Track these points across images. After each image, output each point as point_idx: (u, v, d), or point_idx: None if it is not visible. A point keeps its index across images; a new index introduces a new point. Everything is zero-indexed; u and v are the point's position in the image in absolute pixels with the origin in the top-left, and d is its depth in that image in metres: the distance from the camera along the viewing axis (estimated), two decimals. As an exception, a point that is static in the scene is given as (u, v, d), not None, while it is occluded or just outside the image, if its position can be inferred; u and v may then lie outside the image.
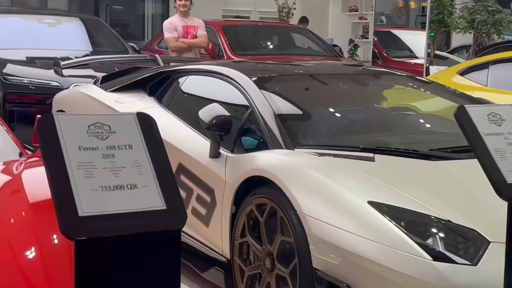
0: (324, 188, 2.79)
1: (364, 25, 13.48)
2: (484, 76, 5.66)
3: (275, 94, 3.70)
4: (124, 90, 4.50)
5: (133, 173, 1.66)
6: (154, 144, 1.74)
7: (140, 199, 1.63)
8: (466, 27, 8.66)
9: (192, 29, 7.10)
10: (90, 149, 1.64)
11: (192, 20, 7.20)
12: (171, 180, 1.71)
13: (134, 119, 1.75)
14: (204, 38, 7.15)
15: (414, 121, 4.00)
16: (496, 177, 2.09)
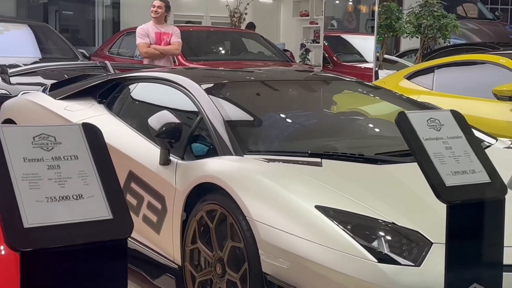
0: (273, 194, 2.84)
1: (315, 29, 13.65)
2: (429, 80, 5.80)
3: (225, 101, 3.73)
4: (73, 98, 4.47)
5: (79, 184, 1.67)
6: (100, 154, 1.75)
7: (86, 209, 1.65)
8: (413, 32, 8.86)
9: (166, 36, 7.02)
10: (35, 160, 1.64)
11: (166, 27, 7.13)
12: (117, 189, 1.73)
13: (79, 129, 1.76)
14: (177, 45, 7.05)
15: (361, 126, 4.09)
16: (436, 181, 2.17)
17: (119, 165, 3.66)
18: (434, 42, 9.27)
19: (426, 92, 5.67)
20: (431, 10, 8.82)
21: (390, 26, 9.35)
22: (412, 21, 8.84)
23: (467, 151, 2.27)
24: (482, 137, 3.75)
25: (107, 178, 1.70)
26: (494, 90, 4.93)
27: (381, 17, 9.45)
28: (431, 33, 8.82)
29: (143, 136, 3.73)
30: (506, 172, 3.13)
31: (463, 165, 2.23)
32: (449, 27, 8.68)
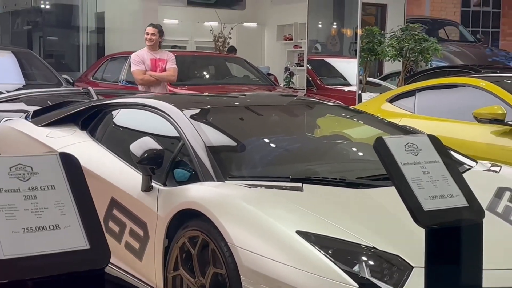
0: (254, 219, 2.85)
1: (299, 53, 13.76)
2: (411, 103, 5.85)
3: (208, 126, 3.75)
4: (56, 125, 4.46)
5: (55, 214, 1.67)
6: (77, 183, 1.76)
7: (63, 239, 1.64)
8: (395, 55, 8.96)
9: (161, 62, 6.94)
10: (11, 191, 1.64)
11: (161, 53, 7.05)
12: (95, 219, 1.73)
13: (56, 159, 1.77)
14: (173, 71, 6.98)
15: (343, 150, 4.11)
16: (414, 205, 2.19)
17: (101, 191, 3.67)
18: (416, 65, 9.36)
19: (408, 115, 5.72)
20: (412, 34, 8.92)
21: (373, 49, 9.44)
22: (394, 45, 8.94)
23: (445, 176, 2.29)
24: (463, 159, 3.78)
25: (84, 207, 1.70)
26: (474, 113, 4.97)
27: (363, 40, 9.54)
28: (413, 56, 8.91)
29: (125, 163, 3.73)
30: (485, 194, 3.17)
31: (440, 189, 2.25)
32: (431, 50, 8.78)
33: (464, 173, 3.38)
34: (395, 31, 9.27)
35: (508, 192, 3.28)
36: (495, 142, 4.92)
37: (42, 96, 6.00)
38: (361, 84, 9.44)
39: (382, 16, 12.62)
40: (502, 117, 4.84)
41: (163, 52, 7.12)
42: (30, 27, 12.58)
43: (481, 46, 13.59)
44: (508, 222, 3.01)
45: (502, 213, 3.05)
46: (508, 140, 4.85)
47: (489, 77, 5.83)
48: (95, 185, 3.69)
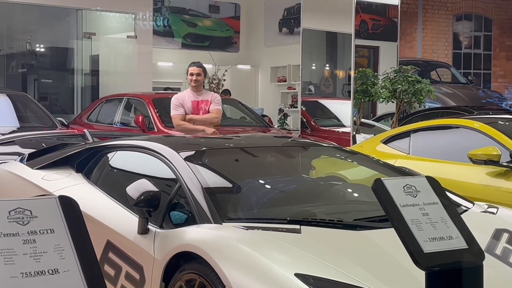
0: (252, 262, 2.82)
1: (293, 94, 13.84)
2: (406, 144, 5.87)
3: (204, 168, 3.75)
4: (51, 167, 4.45)
5: (54, 258, 1.65)
6: (77, 226, 1.74)
7: (62, 284, 1.62)
8: (388, 97, 9.02)
9: (204, 104, 6.39)
10: (10, 235, 1.63)
11: (205, 94, 6.51)
12: (94, 262, 1.71)
13: (56, 202, 1.76)
14: (216, 113, 6.40)
15: (340, 191, 4.11)
16: (413, 247, 2.18)
17: (97, 234, 3.64)
18: (409, 107, 9.43)
19: (403, 156, 5.74)
20: (405, 76, 9.01)
21: (366, 91, 9.51)
22: (387, 86, 9.01)
23: (444, 217, 2.29)
24: (459, 201, 3.78)
25: (83, 251, 1.69)
26: (469, 154, 5.00)
27: (357, 82, 9.62)
28: (406, 98, 8.98)
29: (121, 205, 3.71)
30: (483, 236, 3.16)
31: (440, 231, 2.25)
32: (424, 92, 8.85)
33: (461, 215, 3.37)
34: (388, 73, 9.36)
35: (506, 233, 3.28)
36: (490, 183, 4.93)
37: (37, 139, 6.01)
38: (355, 125, 9.48)
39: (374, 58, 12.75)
40: (497, 158, 4.86)
41: (207, 93, 6.59)
42: (25, 69, 12.64)
43: (473, 88, 13.73)
44: (507, 264, 2.99)
45: (501, 255, 3.04)
46: (503, 181, 4.86)
47: (483, 118, 5.88)
48: (90, 228, 3.65)
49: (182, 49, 14.08)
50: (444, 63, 15.30)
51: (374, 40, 12.09)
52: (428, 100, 10.04)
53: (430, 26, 16.13)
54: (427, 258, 2.17)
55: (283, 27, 14.20)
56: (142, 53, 11.63)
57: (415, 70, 9.79)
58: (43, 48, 12.74)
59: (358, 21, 11.11)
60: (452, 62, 16.16)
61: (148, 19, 11.64)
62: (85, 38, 12.12)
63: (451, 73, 14.60)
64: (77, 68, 12.45)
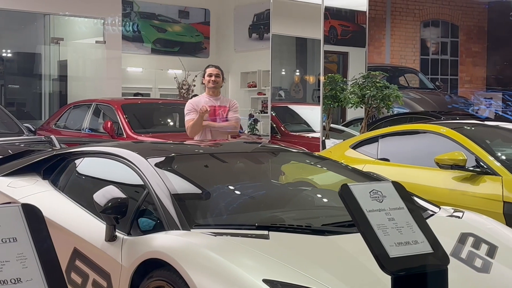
0: (220, 268, 2.82)
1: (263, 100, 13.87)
2: (374, 149, 5.92)
3: (173, 174, 3.73)
4: (17, 174, 4.39)
5: (17, 267, 1.63)
6: (40, 235, 1.72)
7: (25, 293, 1.60)
8: (357, 102, 9.09)
9: (222, 111, 5.88)
10: (-29, 244, 1.60)
11: (222, 99, 5.99)
12: (58, 271, 1.69)
13: (19, 210, 1.73)
14: (234, 121, 5.89)
15: (309, 197, 4.13)
16: (379, 252, 2.19)
17: (64, 242, 3.61)
18: (378, 112, 9.51)
19: (371, 161, 5.78)
20: (373, 81, 9.09)
21: (335, 96, 9.57)
22: (356, 92, 9.08)
23: (409, 222, 2.31)
24: (426, 205, 3.82)
25: (47, 260, 1.67)
26: (436, 159, 5.05)
27: (326, 87, 9.67)
28: (375, 103, 9.06)
29: (88, 212, 3.68)
30: (449, 240, 3.20)
31: (405, 236, 2.27)
32: (392, 97, 8.93)
33: (427, 219, 3.41)
34: (357, 79, 9.43)
35: (471, 237, 3.32)
36: (457, 188, 4.99)
37: (3, 145, 5.92)
38: (325, 131, 9.53)
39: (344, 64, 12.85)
40: (463, 163, 4.92)
41: (225, 99, 6.06)
42: (-9, 75, 12.50)
43: (440, 93, 13.90)
44: (472, 267, 3.03)
45: (466, 259, 3.08)
46: (469, 186, 4.93)
47: (450, 123, 5.96)
48: (57, 236, 3.62)
49: (151, 55, 14.03)
50: (412, 68, 15.48)
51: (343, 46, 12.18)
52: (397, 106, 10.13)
53: (398, 32, 16.31)
54: (393, 263, 2.19)
55: (253, 32, 14.24)
56: (111, 58, 11.55)
57: (383, 76, 9.88)
58: (10, 54, 12.59)
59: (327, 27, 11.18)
60: (420, 67, 16.36)
61: (117, 24, 11.57)
62: (53, 43, 12.01)
63: (419, 79, 14.78)
64: (44, 73, 12.32)
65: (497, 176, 4.83)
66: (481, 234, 3.38)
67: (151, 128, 8.59)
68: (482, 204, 4.73)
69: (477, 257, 3.12)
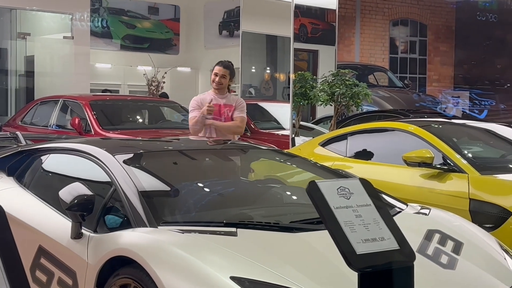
0: (187, 266, 2.80)
1: (233, 97, 13.84)
2: (343, 146, 5.95)
3: (140, 171, 3.70)
4: (-19, 171, 4.31)
5: (-23, 265, 1.59)
6: (1, 233, 1.69)
7: (-15, 292, 1.56)
8: (327, 100, 9.13)
9: (228, 109, 5.66)
10: None
11: (229, 98, 5.75)
12: (19, 269, 1.66)
13: (-21, 207, 1.69)
14: (240, 121, 5.68)
15: (277, 194, 4.12)
16: (346, 249, 2.20)
17: (28, 240, 3.55)
18: (347, 110, 9.56)
19: (340, 159, 5.81)
20: (343, 79, 9.14)
21: (305, 94, 9.60)
22: (326, 90, 9.12)
23: (376, 219, 2.32)
24: (393, 202, 3.85)
25: (8, 258, 1.63)
26: (404, 157, 5.09)
27: (296, 85, 9.69)
28: (344, 101, 9.11)
29: (54, 209, 3.62)
30: (416, 237, 3.23)
31: (372, 232, 2.28)
32: (361, 95, 8.99)
33: (395, 216, 3.43)
34: (327, 76, 9.47)
35: (437, 234, 3.35)
36: (424, 185, 5.04)
37: (-33, 141, 5.80)
38: (294, 128, 9.55)
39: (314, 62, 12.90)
40: (430, 160, 4.97)
41: (231, 97, 5.81)
42: (-44, 70, 12.26)
43: (408, 92, 14.04)
44: (438, 264, 3.06)
45: (432, 256, 3.11)
46: (436, 183, 4.98)
47: (418, 121, 6.01)
48: (21, 233, 3.56)
49: (121, 51, 13.92)
50: (381, 67, 15.60)
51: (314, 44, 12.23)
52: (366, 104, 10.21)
53: (368, 30, 16.42)
54: (360, 259, 2.19)
55: (223, 29, 14.21)
56: (79, 54, 11.42)
57: (352, 74, 9.94)
58: (-25, 49, 12.38)
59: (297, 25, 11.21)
60: (389, 66, 16.50)
61: (85, 19, 11.44)
62: (19, 39, 11.82)
63: (388, 77, 14.91)
64: (11, 69, 12.12)
65: (463, 173, 4.88)
66: (447, 231, 3.41)
67: (120, 125, 8.51)
68: (449, 201, 4.78)
69: (443, 254, 3.14)
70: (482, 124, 6.13)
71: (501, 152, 5.59)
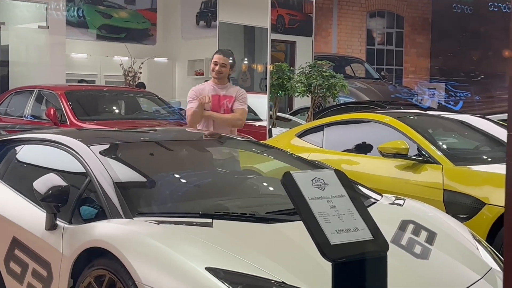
0: (162, 257, 2.79)
1: (210, 88, 13.81)
2: (320, 138, 5.97)
3: (116, 162, 3.68)
4: (-47, 161, 4.25)
5: None
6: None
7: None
8: (303, 91, 9.14)
9: (228, 101, 5.37)
10: None
11: (229, 89, 5.44)
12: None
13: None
14: (240, 113, 5.37)
15: (253, 185, 4.13)
16: (321, 239, 2.21)
17: (2, 231, 3.52)
18: (324, 101, 9.59)
19: (317, 150, 5.83)
20: (320, 71, 9.15)
21: (282, 85, 9.61)
22: (303, 81, 9.13)
23: (350, 210, 2.34)
24: (368, 193, 3.87)
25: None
26: (379, 148, 5.13)
27: (273, 76, 9.70)
28: (321, 92, 9.13)
29: (28, 200, 3.60)
30: (390, 227, 3.26)
31: (347, 223, 2.29)
32: (338, 87, 9.02)
33: (369, 207, 3.46)
34: (304, 68, 9.48)
35: (411, 224, 3.38)
36: (399, 176, 5.08)
37: None
38: (271, 119, 9.56)
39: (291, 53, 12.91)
40: (405, 151, 5.01)
41: (232, 87, 5.49)
42: None
43: (385, 83, 14.12)
44: (412, 254, 3.09)
45: (406, 246, 3.14)
46: (411, 174, 5.02)
47: (393, 113, 6.05)
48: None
49: (97, 41, 13.81)
50: (358, 58, 15.67)
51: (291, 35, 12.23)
52: (342, 95, 10.25)
53: (345, 22, 16.47)
54: (334, 250, 2.21)
55: (200, 20, 14.16)
56: (54, 44, 11.30)
57: (329, 65, 9.96)
58: None
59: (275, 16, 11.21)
60: (366, 57, 16.58)
61: (61, 9, 11.32)
62: (-7, 28, 11.68)
63: (364, 69, 14.97)
64: (-15, 58, 11.98)
65: (438, 164, 4.93)
66: (421, 221, 3.45)
67: (96, 116, 8.46)
68: (423, 192, 4.83)
69: (417, 244, 3.18)
70: (457, 115, 6.19)
71: (475, 144, 5.65)
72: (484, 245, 3.47)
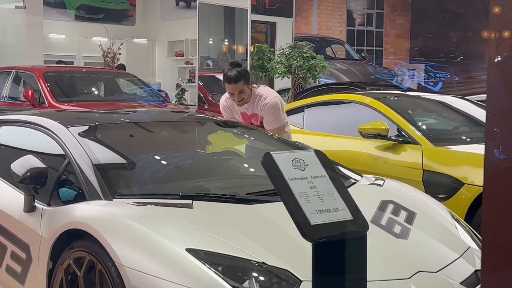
0: (142, 238, 2.78)
1: (190, 69, 13.75)
2: (300, 119, 5.98)
3: (95, 143, 3.65)
4: None
5: None
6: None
7: None
8: (284, 72, 9.14)
9: (255, 120, 5.03)
10: None
11: (252, 106, 4.98)
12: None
13: None
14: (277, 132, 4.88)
15: (234, 166, 4.13)
16: (301, 220, 2.21)
17: (-20, 214, 3.48)
18: (304, 82, 9.58)
19: (297, 131, 5.83)
20: (300, 52, 9.14)
21: (263, 66, 9.59)
22: (283, 62, 9.12)
23: (331, 190, 2.34)
24: (348, 174, 3.89)
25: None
26: (359, 129, 5.14)
27: (254, 57, 9.67)
28: (302, 73, 9.13)
29: (6, 182, 3.56)
30: (370, 208, 3.27)
31: (327, 203, 2.29)
32: (318, 68, 9.02)
33: (349, 187, 3.47)
34: (284, 49, 9.46)
35: (391, 204, 3.40)
36: (379, 156, 5.11)
37: None
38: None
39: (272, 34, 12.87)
40: (385, 132, 5.03)
41: (254, 104, 4.97)
42: None
43: (365, 64, 14.14)
44: (391, 233, 3.11)
45: (386, 225, 3.16)
46: (391, 154, 5.05)
47: (373, 94, 6.07)
48: (-28, 207, 3.50)
49: (75, 21, 13.65)
50: (338, 39, 15.66)
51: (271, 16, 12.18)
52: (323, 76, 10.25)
53: (325, 3, 16.43)
54: (314, 230, 2.21)
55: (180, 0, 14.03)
56: (32, 24, 11.15)
57: (310, 46, 9.96)
58: None
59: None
60: (346, 38, 16.57)
61: (38, -12, 11.16)
62: (-31, 8, 11.48)
63: (345, 50, 14.97)
64: (-39, 39, 11.79)
65: (417, 145, 4.96)
66: (400, 201, 3.47)
67: (75, 97, 8.39)
68: (403, 172, 4.86)
69: (396, 224, 3.20)
70: (436, 96, 6.22)
71: (454, 124, 5.69)
72: (462, 225, 3.50)
